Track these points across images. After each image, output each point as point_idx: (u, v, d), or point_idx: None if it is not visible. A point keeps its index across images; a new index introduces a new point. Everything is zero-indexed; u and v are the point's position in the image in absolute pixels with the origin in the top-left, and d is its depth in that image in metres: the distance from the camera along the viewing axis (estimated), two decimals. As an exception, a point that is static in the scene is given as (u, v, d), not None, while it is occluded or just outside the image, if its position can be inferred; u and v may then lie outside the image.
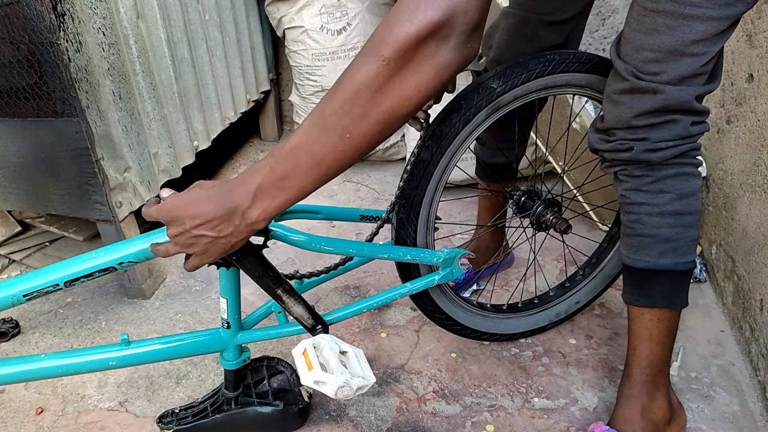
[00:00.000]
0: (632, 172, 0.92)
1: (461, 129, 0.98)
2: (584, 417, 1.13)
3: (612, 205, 1.37)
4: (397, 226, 1.03)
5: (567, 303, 1.31)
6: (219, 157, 2.29)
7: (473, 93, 0.99)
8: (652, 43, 0.83)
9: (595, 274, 1.30)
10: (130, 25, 1.40)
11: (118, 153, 1.37)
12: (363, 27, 1.97)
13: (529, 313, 1.28)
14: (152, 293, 1.55)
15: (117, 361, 0.93)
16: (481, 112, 0.99)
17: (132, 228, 1.45)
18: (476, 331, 1.22)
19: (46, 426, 1.17)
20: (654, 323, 0.98)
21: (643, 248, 0.95)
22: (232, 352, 1.02)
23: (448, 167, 1.01)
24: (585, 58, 1.03)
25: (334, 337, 0.90)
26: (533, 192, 1.19)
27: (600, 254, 1.31)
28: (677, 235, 0.93)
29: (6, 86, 1.26)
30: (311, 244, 0.94)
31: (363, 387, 0.84)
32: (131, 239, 0.87)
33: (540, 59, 1.00)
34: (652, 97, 0.85)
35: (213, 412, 1.07)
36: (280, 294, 0.94)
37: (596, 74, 1.05)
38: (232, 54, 2.00)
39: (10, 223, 1.74)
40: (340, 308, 1.05)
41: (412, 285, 1.06)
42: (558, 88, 1.05)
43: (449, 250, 1.06)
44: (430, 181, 1.00)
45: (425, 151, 0.99)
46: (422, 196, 1.00)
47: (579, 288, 1.31)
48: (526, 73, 0.99)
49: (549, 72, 1.01)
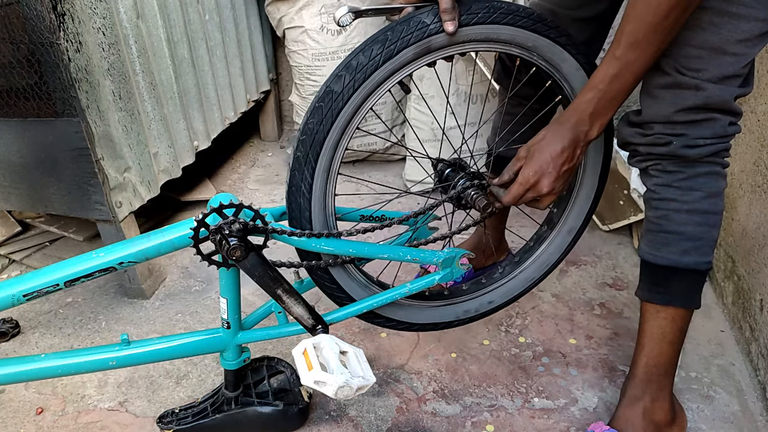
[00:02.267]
0: (666, 167, 0.92)
1: (381, 63, 0.85)
2: (584, 417, 1.13)
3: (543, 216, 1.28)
4: (292, 166, 0.90)
5: (479, 301, 1.17)
6: (219, 157, 2.29)
7: (402, 25, 0.86)
8: (696, 39, 0.83)
9: (515, 274, 1.19)
10: (130, 25, 1.40)
11: (118, 153, 1.37)
12: (363, 27, 1.96)
13: (434, 304, 1.13)
14: (152, 293, 1.55)
15: (117, 361, 0.94)
16: (408, 48, 0.86)
17: (132, 228, 1.45)
18: (371, 312, 1.06)
19: (46, 426, 1.17)
20: (668, 322, 0.98)
21: (667, 245, 0.95)
22: (232, 352, 1.02)
23: (361, 108, 0.88)
24: (536, 15, 0.92)
25: (335, 337, 0.90)
26: (459, 165, 1.06)
27: (524, 253, 1.20)
28: (702, 234, 0.93)
29: (6, 86, 1.26)
30: (312, 244, 0.94)
31: (363, 387, 0.84)
32: (131, 239, 0.87)
33: (484, 3, 0.88)
34: (694, 94, 0.85)
35: (213, 412, 1.07)
36: (279, 294, 0.94)
37: (546, 37, 0.94)
38: (232, 54, 1.99)
39: (10, 223, 1.74)
40: (341, 308, 1.05)
41: (412, 285, 1.06)
42: (501, 43, 0.92)
43: (449, 250, 1.05)
44: (337, 119, 0.87)
45: (336, 82, 0.86)
46: (325, 135, 0.87)
47: (495, 286, 1.18)
48: (467, 15, 0.87)
49: (492, 20, 0.89)
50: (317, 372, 0.82)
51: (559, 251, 1.20)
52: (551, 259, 1.21)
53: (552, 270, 1.22)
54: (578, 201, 1.16)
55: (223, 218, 0.86)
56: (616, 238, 1.67)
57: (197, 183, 2.01)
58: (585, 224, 1.19)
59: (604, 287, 1.49)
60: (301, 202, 0.92)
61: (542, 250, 1.19)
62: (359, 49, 0.87)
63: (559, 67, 1.00)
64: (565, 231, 1.19)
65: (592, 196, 1.16)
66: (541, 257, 1.19)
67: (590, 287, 1.49)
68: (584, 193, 1.15)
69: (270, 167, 2.29)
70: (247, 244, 0.87)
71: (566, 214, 1.17)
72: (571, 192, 1.15)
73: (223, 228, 0.85)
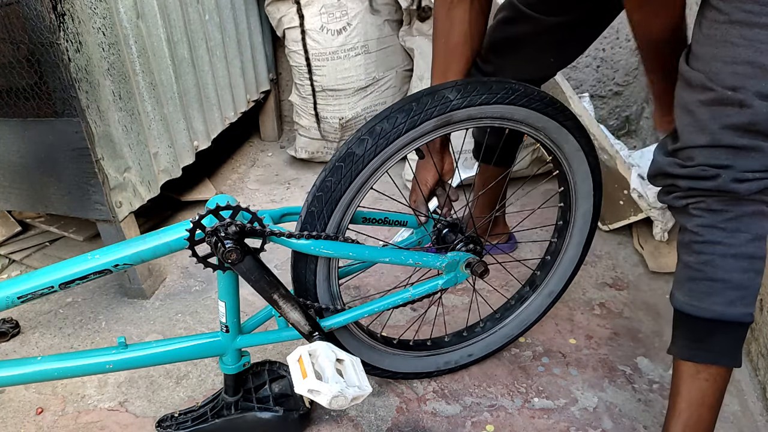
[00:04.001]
0: (711, 206, 0.82)
1: (404, 132, 0.90)
2: (584, 417, 1.13)
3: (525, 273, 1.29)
4: (305, 219, 0.93)
5: (459, 353, 1.22)
6: (219, 157, 2.29)
7: (427, 98, 0.91)
8: (727, 56, 0.75)
9: (496, 330, 1.23)
10: (130, 25, 1.40)
11: (118, 153, 1.37)
12: (363, 27, 1.96)
13: (417, 354, 1.19)
14: (152, 293, 1.55)
15: (114, 365, 0.93)
16: (431, 120, 0.91)
17: (132, 228, 1.45)
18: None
19: (46, 426, 1.17)
20: (709, 384, 0.86)
21: (711, 294, 0.83)
22: (231, 356, 1.01)
23: (378, 170, 0.94)
24: (548, 99, 0.98)
25: (331, 345, 0.90)
26: (458, 226, 1.10)
27: (505, 311, 1.24)
28: (748, 282, 0.83)
29: (6, 86, 1.26)
30: (310, 247, 0.92)
31: (358, 397, 0.83)
32: (126, 241, 0.86)
33: (504, 85, 0.95)
34: (738, 111, 0.75)
35: (212, 417, 1.06)
36: (276, 299, 0.93)
37: (555, 120, 1.01)
38: (232, 54, 1.99)
39: (10, 223, 1.74)
40: (339, 313, 1.04)
41: (414, 290, 1.05)
42: (514, 122, 0.99)
43: (453, 254, 1.05)
44: (355, 180, 0.91)
45: (358, 145, 0.90)
46: (342, 194, 0.91)
47: (476, 340, 1.22)
48: (488, 94, 0.93)
49: (510, 102, 0.95)
50: (312, 380, 0.81)
51: (537, 312, 1.26)
52: (530, 318, 1.26)
53: (530, 328, 1.27)
54: (561, 266, 1.21)
55: (219, 220, 0.85)
56: (616, 238, 1.67)
57: (197, 183, 2.01)
58: (564, 288, 1.25)
59: (604, 287, 1.49)
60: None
61: (522, 309, 1.24)
62: (384, 115, 0.92)
63: (561, 146, 1.06)
64: (545, 293, 1.24)
65: (575, 263, 1.21)
66: (520, 316, 1.24)
67: (590, 287, 1.49)
68: (568, 258, 1.21)
69: (270, 167, 2.29)
70: (243, 247, 0.86)
71: (549, 277, 1.23)
72: (555, 257, 1.20)
73: (219, 230, 0.84)
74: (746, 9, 0.73)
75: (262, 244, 0.90)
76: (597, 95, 2.25)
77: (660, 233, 1.56)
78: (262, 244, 0.90)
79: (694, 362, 0.87)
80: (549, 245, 1.22)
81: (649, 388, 1.19)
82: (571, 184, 1.11)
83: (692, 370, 0.87)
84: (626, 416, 1.13)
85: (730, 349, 0.85)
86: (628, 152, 1.74)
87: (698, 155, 0.80)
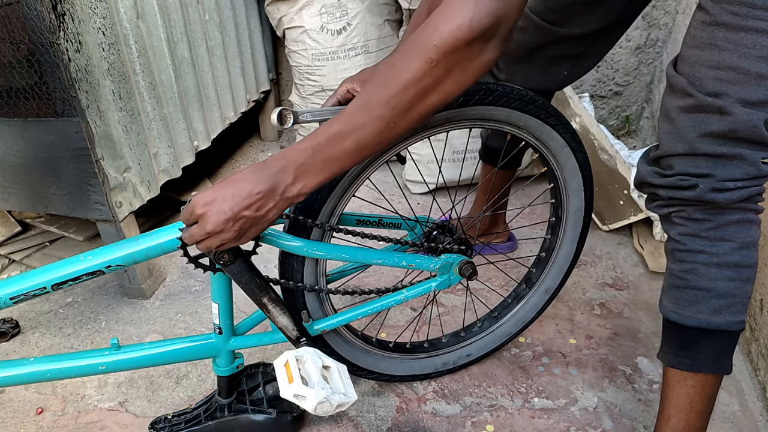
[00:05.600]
0: (691, 215, 0.81)
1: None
2: (584, 417, 1.13)
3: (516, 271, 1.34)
4: (288, 231, 0.94)
5: (458, 353, 1.22)
6: (219, 157, 2.29)
7: None
8: (712, 60, 0.73)
9: (493, 329, 1.23)
10: (130, 25, 1.40)
11: (118, 153, 1.37)
12: (363, 27, 1.96)
13: (414, 357, 1.19)
14: (152, 293, 1.55)
15: (107, 366, 0.93)
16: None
17: (132, 228, 1.45)
18: (354, 365, 1.11)
19: (46, 426, 1.17)
20: (696, 390, 0.87)
21: (695, 303, 0.84)
22: (225, 359, 1.01)
23: (358, 178, 0.94)
24: (529, 97, 0.98)
25: (318, 351, 0.90)
26: (447, 228, 1.10)
27: (503, 309, 1.25)
28: (734, 290, 0.82)
29: (6, 86, 1.26)
30: (304, 248, 0.92)
31: (343, 404, 0.83)
32: (119, 243, 0.86)
33: (481, 87, 0.94)
34: (718, 119, 0.74)
35: (206, 419, 1.06)
36: (265, 303, 0.93)
37: (537, 117, 1.00)
38: (232, 54, 1.99)
39: (10, 223, 1.74)
40: (332, 315, 1.03)
41: (408, 292, 1.05)
42: (495, 122, 1.00)
43: (446, 257, 1.04)
44: (335, 189, 0.92)
45: None
46: (323, 203, 0.93)
47: (473, 340, 1.22)
48: (464, 96, 0.92)
49: (488, 102, 0.95)
50: (297, 385, 0.81)
51: (535, 309, 1.25)
52: (528, 316, 1.25)
53: (528, 326, 1.26)
54: (557, 262, 1.21)
55: None
56: (616, 238, 1.67)
57: (197, 183, 2.01)
58: (561, 285, 1.24)
59: (604, 287, 1.49)
60: (294, 264, 0.97)
61: (519, 307, 1.24)
62: None
63: (547, 143, 1.05)
64: (542, 290, 1.24)
65: (570, 259, 1.21)
66: (518, 314, 1.24)
67: (590, 287, 1.49)
68: (563, 254, 1.20)
69: (270, 167, 2.29)
70: (235, 249, 0.86)
71: (545, 274, 1.22)
72: (550, 254, 1.20)
73: None
74: (733, 11, 0.71)
75: (254, 247, 0.89)
76: (597, 95, 2.25)
77: (660, 233, 1.56)
78: (254, 246, 0.89)
79: (680, 369, 0.87)
80: (543, 242, 1.22)
81: (649, 388, 1.19)
82: (560, 180, 1.11)
83: (679, 377, 0.88)
84: (626, 416, 1.13)
85: (717, 356, 0.85)
86: (628, 152, 1.74)
87: (677, 164, 0.80)
